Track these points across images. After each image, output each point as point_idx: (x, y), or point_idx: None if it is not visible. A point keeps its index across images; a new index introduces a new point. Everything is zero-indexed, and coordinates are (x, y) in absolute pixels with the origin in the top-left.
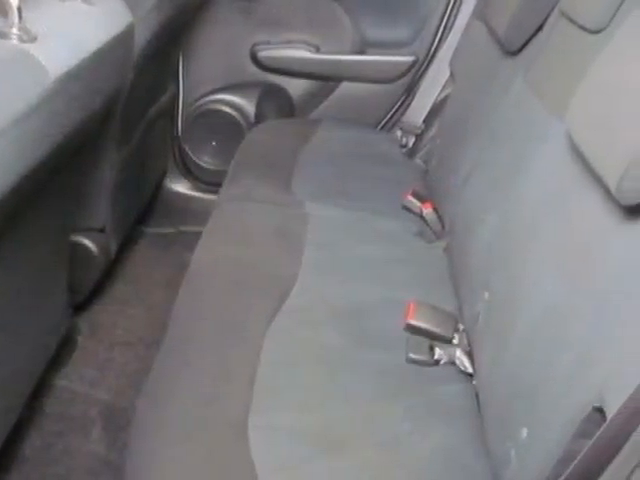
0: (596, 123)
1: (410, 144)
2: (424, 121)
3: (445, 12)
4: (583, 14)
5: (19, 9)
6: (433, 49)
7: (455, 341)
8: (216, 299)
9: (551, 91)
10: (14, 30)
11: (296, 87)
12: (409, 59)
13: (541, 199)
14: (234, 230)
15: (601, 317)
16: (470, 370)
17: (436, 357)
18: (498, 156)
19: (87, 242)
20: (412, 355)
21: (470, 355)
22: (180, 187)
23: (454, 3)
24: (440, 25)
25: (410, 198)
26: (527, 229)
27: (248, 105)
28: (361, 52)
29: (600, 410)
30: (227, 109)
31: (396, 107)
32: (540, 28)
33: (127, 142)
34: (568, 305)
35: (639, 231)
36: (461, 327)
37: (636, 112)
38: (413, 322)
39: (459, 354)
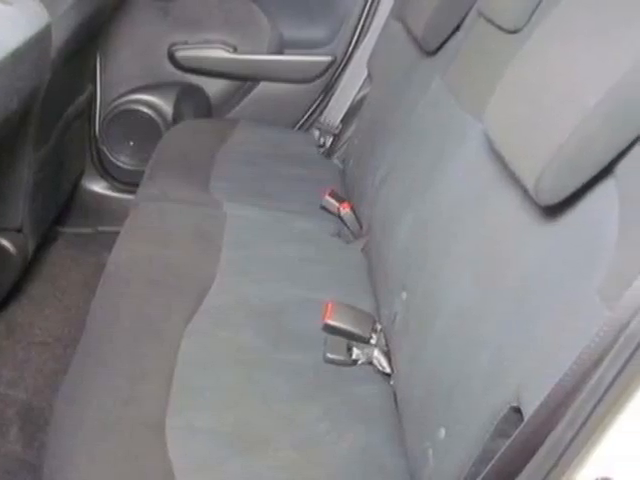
0: (513, 123)
1: (328, 144)
2: (342, 121)
3: (363, 12)
4: (500, 14)
5: None
6: (351, 49)
7: (373, 341)
8: (133, 299)
9: (469, 91)
10: None
11: (214, 87)
12: (327, 59)
13: (459, 199)
14: (152, 230)
15: (517, 317)
16: (388, 370)
17: (354, 357)
18: (415, 156)
19: (4, 242)
20: (330, 355)
21: (388, 355)
22: (98, 187)
23: (372, 3)
24: (358, 25)
25: (328, 198)
26: (444, 229)
27: (166, 105)
28: (279, 52)
29: (518, 410)
30: (145, 109)
31: (314, 107)
32: (458, 28)
33: (44, 142)
34: (485, 305)
35: (556, 231)
36: (379, 327)
37: (553, 112)
38: (331, 322)
39: (377, 354)
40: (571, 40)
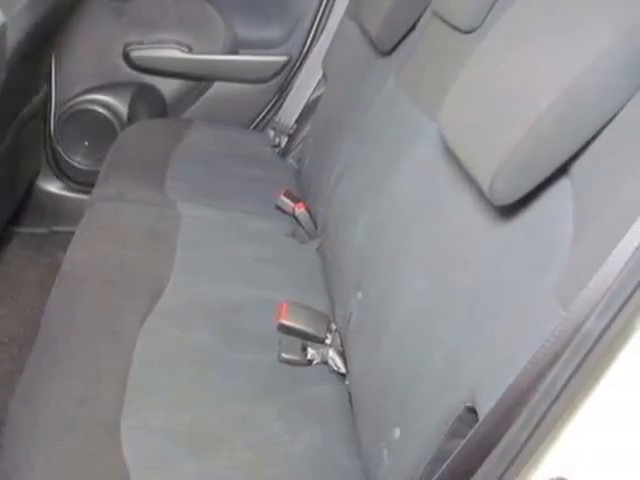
0: (468, 123)
1: (283, 144)
2: (297, 121)
3: (318, 12)
4: (455, 14)
5: None
6: (306, 49)
7: (328, 341)
8: (89, 299)
9: (424, 91)
10: None
11: (169, 87)
12: (282, 59)
13: (414, 199)
14: (107, 230)
15: (472, 317)
16: (343, 370)
17: (309, 357)
18: (371, 156)
19: None
20: (285, 355)
21: (343, 355)
22: (53, 187)
23: (327, 3)
24: (313, 24)
25: (283, 198)
26: (400, 229)
27: (121, 105)
28: (234, 52)
29: (473, 410)
30: (100, 109)
31: (269, 107)
32: (413, 28)
33: None
34: (440, 305)
35: (511, 231)
36: (334, 327)
37: (507, 112)
38: (286, 322)
39: (332, 354)
40: (526, 41)
